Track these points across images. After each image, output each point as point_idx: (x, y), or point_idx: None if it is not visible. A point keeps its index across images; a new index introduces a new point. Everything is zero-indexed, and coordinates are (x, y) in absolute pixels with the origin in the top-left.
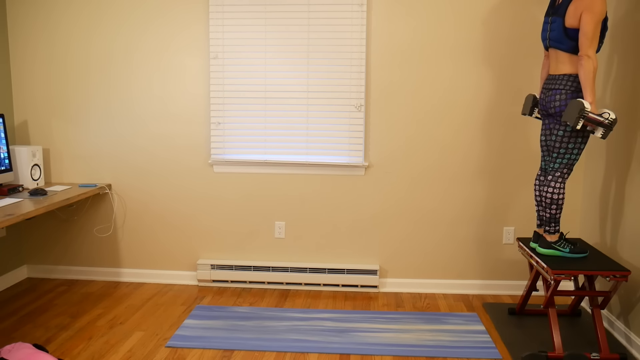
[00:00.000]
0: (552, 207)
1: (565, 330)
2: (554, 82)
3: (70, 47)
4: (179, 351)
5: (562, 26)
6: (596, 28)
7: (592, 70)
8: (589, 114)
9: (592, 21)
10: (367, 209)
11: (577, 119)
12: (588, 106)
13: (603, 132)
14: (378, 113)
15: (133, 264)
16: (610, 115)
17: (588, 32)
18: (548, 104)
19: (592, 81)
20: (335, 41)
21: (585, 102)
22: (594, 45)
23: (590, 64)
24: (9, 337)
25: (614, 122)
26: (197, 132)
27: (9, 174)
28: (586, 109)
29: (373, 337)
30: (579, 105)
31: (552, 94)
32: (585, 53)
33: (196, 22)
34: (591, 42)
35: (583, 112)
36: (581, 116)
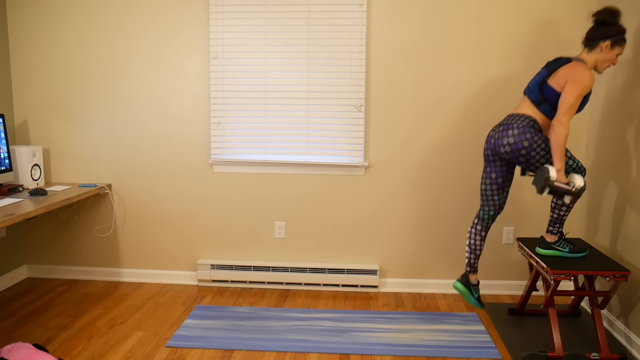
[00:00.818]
0: (563, 208)
1: (565, 330)
2: (507, 119)
3: (70, 47)
4: (179, 351)
5: (542, 79)
6: (577, 100)
7: (564, 137)
8: (554, 183)
9: (575, 92)
10: (367, 209)
11: (542, 187)
12: (554, 175)
13: (570, 199)
14: (378, 113)
15: (133, 264)
16: (577, 184)
17: (568, 101)
18: (498, 142)
19: (563, 148)
20: (335, 41)
21: (552, 170)
22: (569, 114)
23: (563, 130)
24: (9, 337)
25: (582, 190)
26: (197, 132)
27: (9, 174)
28: (551, 178)
29: (373, 337)
30: (545, 173)
31: (504, 129)
32: (560, 120)
33: (196, 22)
34: (568, 110)
35: (549, 181)
36: (547, 185)
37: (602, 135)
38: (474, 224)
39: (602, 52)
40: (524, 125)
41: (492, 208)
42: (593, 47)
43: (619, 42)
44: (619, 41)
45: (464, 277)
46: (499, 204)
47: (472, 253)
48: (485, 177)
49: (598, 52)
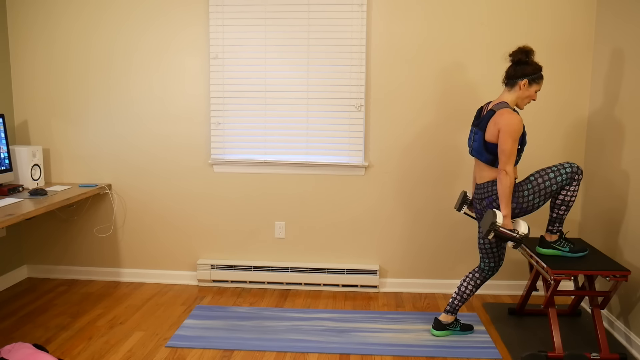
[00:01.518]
0: (562, 207)
1: (565, 330)
2: (482, 191)
3: (70, 47)
4: (179, 351)
5: (482, 139)
6: (514, 145)
7: (509, 185)
8: (499, 228)
9: (509, 139)
10: (367, 209)
11: (488, 231)
12: (500, 220)
13: (513, 245)
14: (378, 113)
15: (133, 264)
16: (521, 231)
17: (505, 149)
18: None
19: (508, 196)
20: (335, 41)
21: (499, 215)
22: (511, 161)
23: (507, 179)
24: (9, 337)
25: (525, 237)
26: (197, 132)
27: (9, 174)
28: (497, 222)
29: (373, 337)
30: (491, 217)
31: (488, 203)
32: (503, 168)
33: (196, 22)
34: (508, 158)
35: (494, 226)
36: (492, 229)
37: (602, 134)
38: (473, 271)
39: (520, 89)
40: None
41: (492, 260)
42: (513, 86)
43: (536, 79)
44: (536, 79)
45: (436, 322)
46: (499, 256)
47: (459, 295)
48: (480, 232)
49: (517, 90)
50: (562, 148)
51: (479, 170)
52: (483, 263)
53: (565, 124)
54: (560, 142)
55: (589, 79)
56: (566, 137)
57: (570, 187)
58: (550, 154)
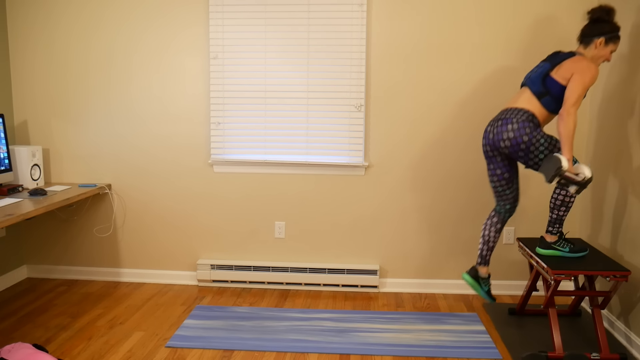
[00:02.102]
0: (562, 208)
1: (565, 330)
2: (504, 114)
3: (70, 47)
4: (179, 351)
5: (545, 72)
6: (584, 91)
7: (573, 127)
8: (565, 173)
9: (581, 84)
10: (367, 209)
11: (553, 176)
12: (566, 165)
13: (577, 189)
14: (378, 113)
15: (133, 264)
16: (586, 174)
17: (575, 92)
18: (498, 136)
19: (571, 138)
20: (335, 41)
21: (564, 160)
22: (577, 105)
23: (572, 120)
24: (9, 337)
25: (589, 180)
26: (197, 132)
27: (8, 174)
28: (563, 168)
29: (373, 337)
30: (557, 162)
31: (502, 124)
32: (568, 111)
33: (196, 22)
34: (576, 102)
35: (560, 171)
36: (557, 174)
37: (601, 134)
38: (490, 216)
39: (596, 48)
40: (523, 120)
41: (507, 202)
42: (588, 44)
43: (612, 39)
44: (613, 38)
45: (473, 270)
46: (513, 197)
47: (485, 244)
48: (492, 175)
49: (592, 49)
50: None
51: (517, 99)
52: (499, 206)
53: None
54: None
55: None
56: None
57: None
58: None
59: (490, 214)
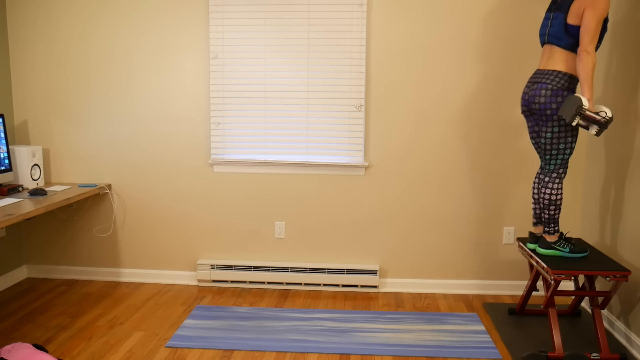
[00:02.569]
0: (551, 207)
1: (565, 330)
2: (541, 76)
3: (70, 47)
4: (179, 351)
5: (563, 22)
6: (598, 25)
7: (592, 66)
8: (586, 111)
9: (594, 17)
10: (367, 209)
11: (573, 115)
12: (586, 103)
13: (597, 129)
14: (378, 113)
15: (133, 264)
16: (607, 113)
17: (590, 28)
18: (531, 99)
19: (591, 77)
20: (335, 41)
21: (584, 98)
22: (594, 42)
23: (590, 59)
24: (9, 337)
25: (610, 120)
26: (197, 132)
27: (8, 174)
28: (584, 106)
29: (373, 337)
30: (577, 102)
31: (537, 88)
32: (585, 49)
33: (196, 23)
34: (592, 37)
35: (581, 110)
36: (578, 113)
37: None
38: (537, 174)
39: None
40: (558, 88)
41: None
42: None
43: None
44: None
45: (532, 236)
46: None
47: (536, 203)
48: (531, 132)
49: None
50: None
51: (548, 58)
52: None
53: None
54: None
55: None
56: None
57: (554, 186)
58: None
59: (537, 172)
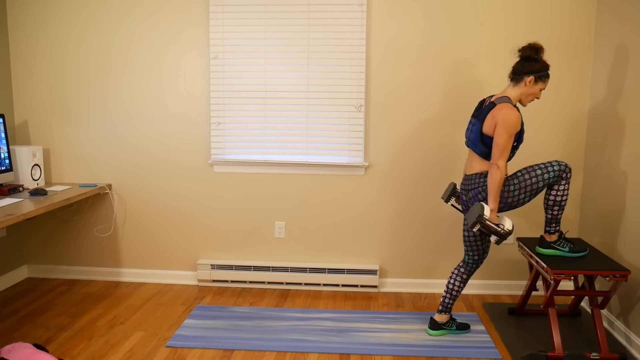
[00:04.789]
0: (555, 208)
1: (565, 330)
2: (470, 182)
3: (70, 47)
4: (179, 351)
5: (479, 131)
6: (508, 141)
7: (499, 180)
8: (486, 221)
9: (505, 134)
10: (367, 209)
11: (474, 223)
12: (487, 213)
13: (497, 239)
14: (378, 113)
15: (133, 264)
16: (506, 227)
17: (500, 144)
18: (471, 201)
19: (497, 190)
20: (335, 41)
21: (487, 208)
22: (504, 156)
23: (498, 174)
24: (9, 337)
25: (509, 233)
26: (197, 132)
27: (9, 174)
28: (485, 215)
29: (373, 337)
30: (479, 210)
31: (474, 195)
32: (495, 162)
33: (196, 22)
34: (501, 153)
35: (481, 219)
36: (479, 222)
37: (602, 134)
38: (457, 267)
39: (526, 86)
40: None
41: (477, 253)
42: (518, 81)
43: (542, 77)
44: (543, 77)
45: (432, 322)
46: (483, 249)
47: (448, 293)
48: (466, 224)
49: (522, 86)
50: (562, 147)
51: (470, 162)
52: (467, 256)
53: (565, 123)
54: (560, 141)
55: (588, 78)
56: (566, 137)
57: (560, 187)
58: (551, 152)
59: (458, 264)
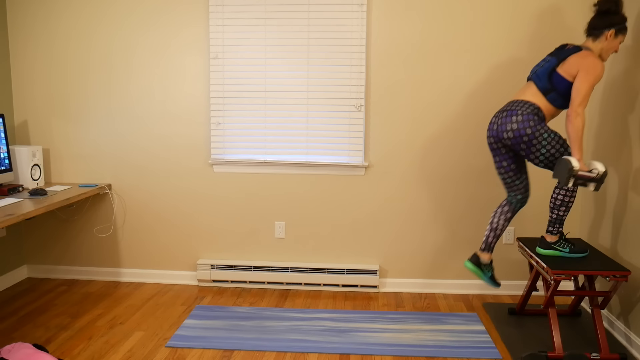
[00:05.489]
0: (561, 208)
1: (565, 330)
2: (511, 105)
3: (70, 47)
4: (179, 351)
5: (552, 67)
6: (590, 89)
7: (581, 126)
8: (578, 172)
9: (588, 82)
10: (367, 209)
11: (567, 178)
12: (577, 165)
13: (595, 186)
14: (378, 113)
15: (133, 264)
16: (599, 169)
17: (582, 90)
18: (501, 127)
19: (581, 138)
20: (335, 41)
21: (574, 160)
22: (584, 104)
23: (580, 120)
24: (9, 337)
25: (604, 175)
26: (197, 132)
27: (9, 174)
28: (575, 167)
29: (373, 337)
30: (567, 164)
31: (507, 116)
32: (575, 110)
33: (196, 22)
34: (583, 99)
35: (573, 172)
36: (571, 175)
37: (601, 133)
38: (501, 204)
39: (606, 40)
40: (528, 112)
41: (518, 192)
42: (598, 37)
43: (622, 30)
44: (622, 29)
45: (474, 257)
46: (523, 187)
47: (492, 231)
48: (499, 167)
49: (603, 41)
50: None
51: (522, 92)
52: (510, 196)
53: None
54: None
55: None
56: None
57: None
58: None
59: (502, 202)
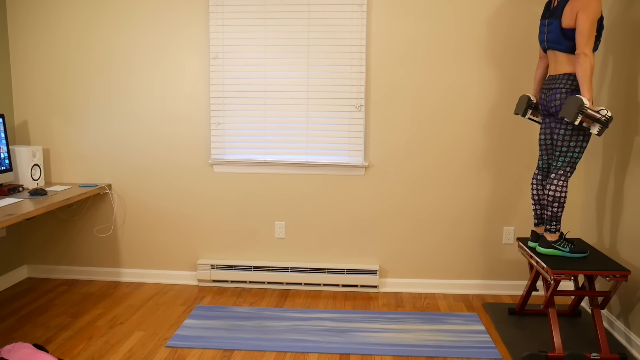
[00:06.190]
0: (554, 205)
1: (565, 330)
2: (554, 82)
3: (70, 47)
4: (179, 351)
5: (559, 27)
6: (592, 27)
7: (590, 67)
8: (587, 109)
9: (587, 20)
10: (367, 209)
11: (575, 114)
12: (587, 102)
13: (599, 128)
14: (378, 113)
15: (133, 264)
16: (607, 112)
17: (584, 30)
18: (549, 103)
19: (590, 78)
20: (335, 41)
21: (584, 98)
22: (590, 44)
23: (587, 61)
24: (9, 337)
25: (610, 119)
26: (197, 132)
27: (9, 174)
28: (585, 104)
29: (373, 337)
30: (577, 101)
31: (553, 93)
32: (582, 51)
33: (196, 22)
34: (587, 40)
35: (582, 108)
36: (580, 112)
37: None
38: (534, 174)
39: None
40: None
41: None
42: None
43: None
44: None
45: (534, 235)
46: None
47: (537, 204)
48: (545, 128)
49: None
50: None
51: (554, 64)
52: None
53: None
54: None
55: None
56: None
57: (559, 183)
58: None
59: (534, 172)
